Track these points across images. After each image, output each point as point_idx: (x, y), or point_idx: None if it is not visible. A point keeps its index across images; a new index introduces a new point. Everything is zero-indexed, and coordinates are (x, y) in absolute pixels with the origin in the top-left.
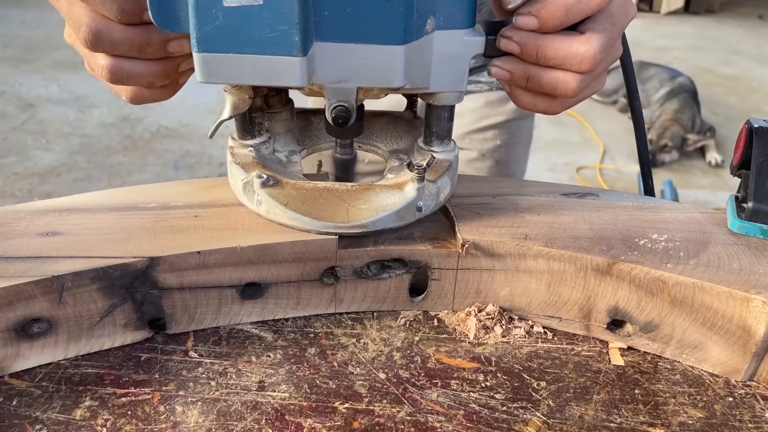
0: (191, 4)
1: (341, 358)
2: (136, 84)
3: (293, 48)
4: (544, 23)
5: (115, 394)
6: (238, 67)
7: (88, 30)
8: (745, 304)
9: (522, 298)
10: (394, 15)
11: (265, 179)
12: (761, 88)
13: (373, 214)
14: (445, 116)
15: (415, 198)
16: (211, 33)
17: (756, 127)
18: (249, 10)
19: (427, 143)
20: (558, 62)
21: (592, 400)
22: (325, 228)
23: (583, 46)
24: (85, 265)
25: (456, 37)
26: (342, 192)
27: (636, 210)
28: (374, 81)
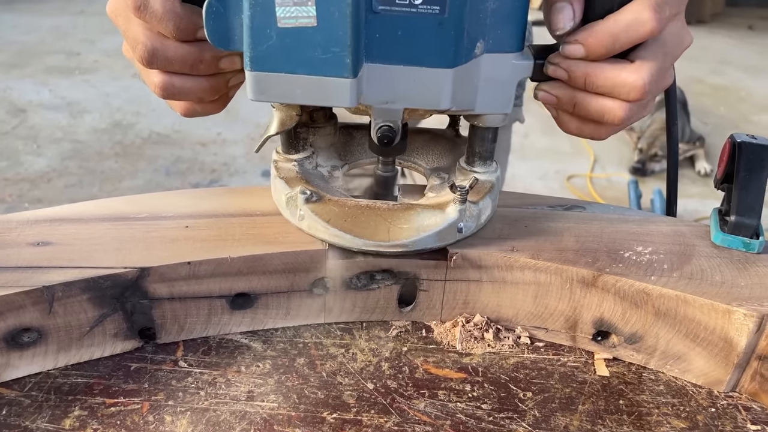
0: (246, 24)
1: (330, 368)
2: (187, 99)
3: (344, 69)
4: (591, 51)
5: (105, 403)
6: (289, 86)
7: (144, 48)
8: (726, 316)
9: (509, 309)
10: (445, 39)
11: (308, 195)
12: (750, 98)
13: (414, 234)
14: (489, 137)
15: (456, 219)
16: (264, 52)
17: (739, 142)
18: (302, 31)
19: (470, 163)
20: (606, 90)
21: (577, 410)
22: (365, 246)
23: (632, 75)
24: (76, 275)
25: (504, 60)
26: (384, 211)
27: (621, 222)
28: (421, 103)
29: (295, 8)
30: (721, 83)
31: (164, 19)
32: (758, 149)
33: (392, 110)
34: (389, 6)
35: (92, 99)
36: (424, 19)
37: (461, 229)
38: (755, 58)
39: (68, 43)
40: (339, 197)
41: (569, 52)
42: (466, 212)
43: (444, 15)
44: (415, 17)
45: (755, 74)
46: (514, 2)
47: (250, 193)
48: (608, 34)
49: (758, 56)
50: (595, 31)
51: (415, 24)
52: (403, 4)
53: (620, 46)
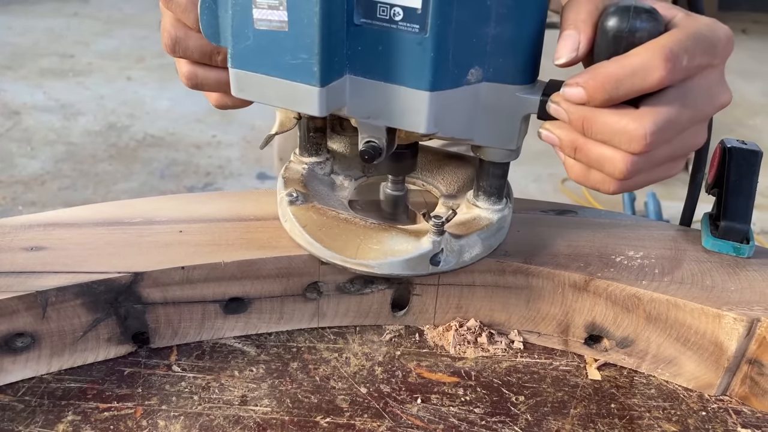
0: (229, 21)
1: (323, 372)
2: (212, 90)
3: (312, 77)
4: (591, 96)
5: (98, 408)
6: (265, 87)
7: (168, 36)
8: (717, 320)
9: (502, 314)
10: (424, 60)
11: (293, 198)
12: (743, 101)
13: (381, 257)
14: (496, 173)
15: (429, 251)
16: (243, 51)
17: (729, 148)
18: (275, 34)
19: (475, 197)
20: (605, 138)
21: (569, 414)
22: (332, 258)
23: (632, 123)
24: (70, 280)
25: (506, 92)
26: (359, 227)
27: (613, 227)
28: (401, 123)
29: (270, 11)
30: None
31: (187, 10)
32: (748, 154)
33: (374, 126)
34: (370, 20)
35: (86, 101)
36: (403, 37)
37: (438, 262)
38: (748, 62)
39: (62, 45)
40: (324, 206)
41: (569, 96)
42: (446, 245)
43: (424, 35)
44: (394, 33)
45: (749, 78)
46: (518, 30)
47: (244, 197)
48: (610, 79)
49: (752, 60)
50: (598, 73)
51: (395, 41)
52: (383, 19)
53: (624, 94)
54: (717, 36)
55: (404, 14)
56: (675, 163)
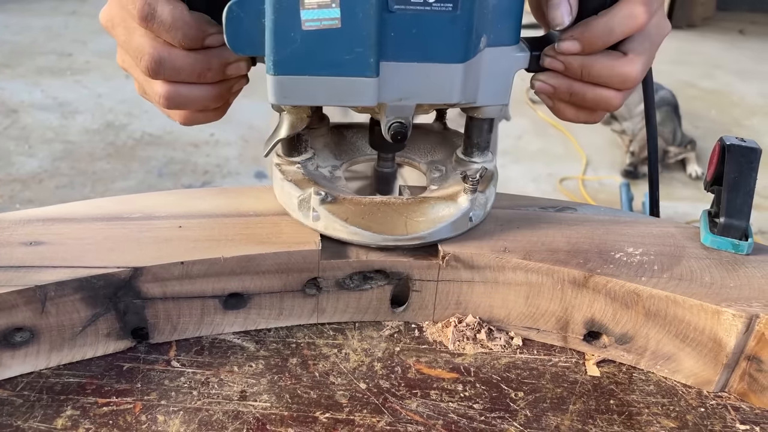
0: (269, 27)
1: (323, 368)
2: (193, 108)
3: (368, 69)
4: (587, 46)
5: (97, 403)
6: (313, 88)
7: (150, 59)
8: (716, 317)
9: (501, 310)
10: (457, 35)
11: (323, 196)
12: (741, 101)
13: (431, 226)
14: (486, 128)
15: (468, 209)
16: (288, 56)
17: (728, 145)
18: (327, 32)
19: (468, 154)
20: (602, 80)
21: (568, 410)
22: (384, 241)
23: (627, 66)
24: (69, 274)
25: (504, 53)
26: (399, 205)
27: (612, 224)
28: (434, 98)
29: (320, 11)
30: (713, 87)
31: (173, 28)
32: (747, 151)
33: (405, 107)
34: (404, 5)
35: (84, 99)
36: (437, 17)
37: (472, 218)
38: (746, 62)
39: (60, 44)
40: (351, 196)
41: (565, 49)
42: (476, 201)
43: (456, 12)
44: (428, 15)
45: (746, 78)
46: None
47: (244, 193)
48: (604, 28)
49: (749, 60)
50: (591, 26)
51: (429, 21)
52: (417, 2)
53: (614, 39)
54: None
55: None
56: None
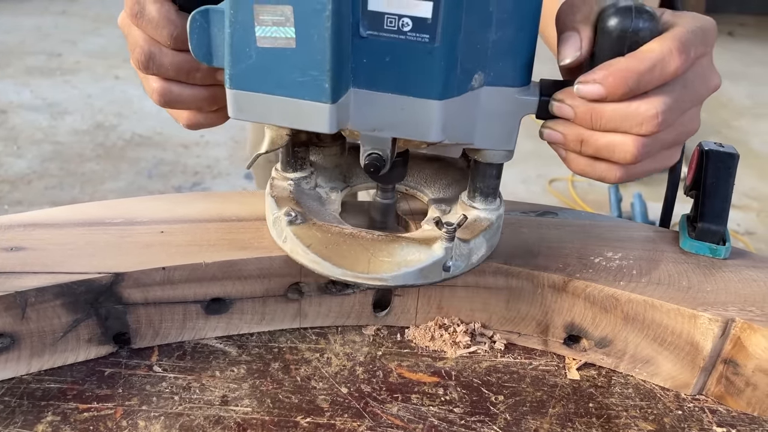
0: (226, 41)
1: (304, 372)
2: (186, 108)
3: (322, 94)
4: (611, 92)
5: (78, 409)
6: (268, 107)
7: (141, 52)
8: (692, 320)
9: (482, 314)
10: (435, 69)
11: (292, 217)
12: (730, 103)
13: (395, 269)
14: (492, 174)
15: (442, 258)
16: (243, 71)
17: (707, 150)
18: (281, 52)
19: (471, 198)
20: (615, 125)
21: (547, 413)
22: (343, 276)
23: (644, 105)
24: (49, 280)
25: (506, 95)
26: (367, 241)
27: (592, 228)
28: (409, 133)
29: (274, 28)
30: None
31: (159, 26)
32: (725, 157)
33: (380, 138)
34: (377, 31)
35: (74, 100)
36: (412, 47)
37: (449, 267)
38: (735, 64)
39: (49, 44)
40: (325, 222)
41: (586, 93)
42: (455, 251)
43: (434, 44)
44: (403, 44)
45: (735, 80)
46: (517, 34)
47: (226, 198)
48: (632, 73)
49: (738, 62)
50: (617, 69)
51: (404, 52)
52: (390, 30)
53: (643, 88)
54: (708, 26)
55: (413, 24)
56: (676, 148)
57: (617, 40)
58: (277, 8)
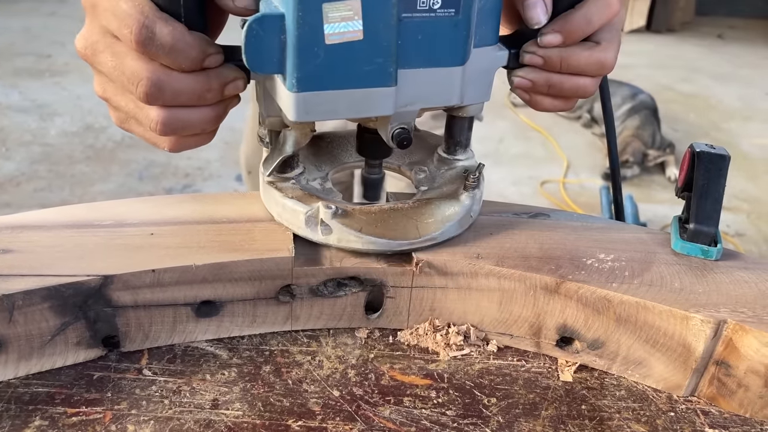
0: (292, 44)
1: (296, 375)
2: (190, 132)
3: (388, 78)
4: (568, 37)
5: (66, 413)
6: (335, 102)
7: (148, 83)
8: (684, 322)
9: (474, 316)
10: (459, 39)
11: (334, 210)
12: (719, 105)
13: (441, 226)
14: (467, 126)
15: (470, 205)
16: (311, 71)
17: (698, 152)
18: (349, 45)
19: (451, 153)
20: (580, 69)
21: (540, 416)
22: (400, 246)
23: (603, 53)
24: (37, 283)
25: (487, 53)
26: (407, 210)
27: (584, 230)
28: (436, 102)
29: (343, 24)
30: (691, 91)
31: (174, 51)
32: (716, 158)
33: (409, 112)
34: (411, 13)
35: (63, 101)
36: (441, 22)
37: (472, 214)
38: (724, 66)
39: (39, 45)
40: (358, 206)
41: (548, 42)
42: (475, 197)
43: (458, 16)
44: (433, 21)
45: (724, 82)
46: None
47: (217, 200)
48: (583, 20)
49: (727, 64)
50: (570, 18)
51: (433, 27)
52: (423, 9)
53: (593, 28)
54: None
55: (442, 2)
56: None
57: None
58: (346, 3)
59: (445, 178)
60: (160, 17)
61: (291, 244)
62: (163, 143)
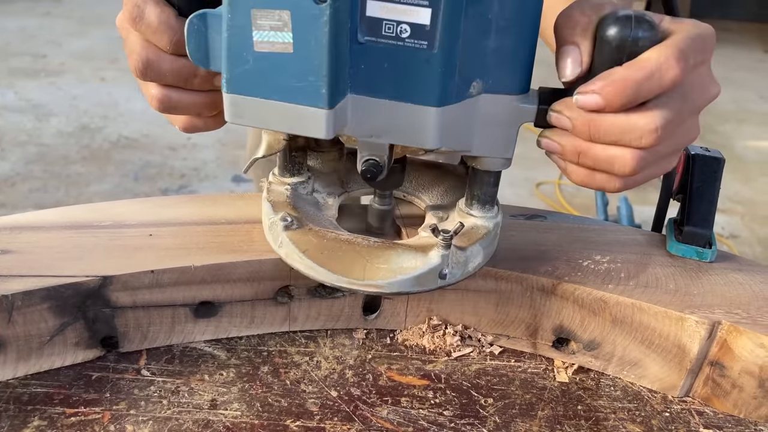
0: (224, 45)
1: (294, 376)
2: (185, 113)
3: (319, 100)
4: (609, 102)
5: (65, 413)
6: (265, 111)
7: (138, 59)
8: (680, 323)
9: (471, 317)
10: (432, 76)
11: (288, 222)
12: (713, 107)
13: (390, 276)
14: (490, 181)
15: (438, 265)
16: (240, 75)
17: (693, 155)
18: (279, 56)
19: (468, 206)
20: (614, 138)
21: (536, 416)
22: (338, 282)
23: (642, 118)
24: (36, 284)
25: (505, 102)
26: (363, 247)
27: (581, 232)
28: (406, 140)
29: (272, 33)
30: None
31: (158, 32)
32: (710, 161)
33: (377, 144)
34: (375, 37)
35: (59, 102)
36: (410, 54)
37: (445, 275)
38: (719, 69)
39: (34, 45)
40: (321, 228)
41: (584, 104)
42: (451, 258)
43: (433, 51)
44: (401, 51)
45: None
46: (517, 42)
47: (215, 201)
48: (630, 83)
49: (721, 67)
50: (615, 79)
51: (402, 58)
52: (389, 36)
53: (642, 97)
54: (707, 34)
55: (411, 31)
56: (674, 156)
57: (616, 50)
58: (275, 13)
59: None
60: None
61: None
62: (175, 122)
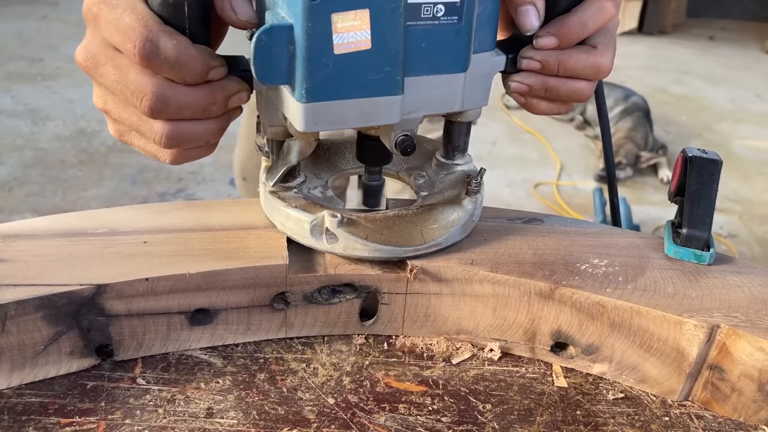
0: (301, 54)
1: (291, 383)
2: (195, 145)
3: (395, 87)
4: (564, 40)
5: (59, 423)
6: (343, 112)
7: (153, 98)
8: (678, 327)
9: (469, 322)
10: (461, 46)
11: (340, 218)
12: (711, 106)
13: (444, 232)
14: (465, 131)
15: (473, 210)
16: (320, 82)
17: (690, 157)
18: (357, 55)
19: (450, 158)
20: (577, 73)
21: (535, 421)
22: (405, 253)
23: (599, 57)
24: (30, 293)
25: (485, 58)
26: (411, 216)
27: (578, 235)
28: (439, 108)
29: (351, 33)
30: (683, 93)
31: (178, 64)
32: (708, 163)
33: (412, 119)
34: (415, 21)
35: (55, 106)
36: (444, 30)
37: (474, 219)
38: (716, 68)
39: (31, 49)
40: (363, 214)
41: (543, 44)
42: (478, 201)
43: (461, 23)
44: (436, 29)
45: (716, 84)
46: (493, 5)
47: (210, 207)
48: (578, 23)
49: (719, 66)
50: (566, 22)
51: (437, 35)
52: (427, 17)
53: (588, 32)
54: None
55: (445, 9)
56: None
57: None
58: (355, 13)
59: (445, 183)
60: (163, 30)
61: (285, 251)
62: (165, 156)
